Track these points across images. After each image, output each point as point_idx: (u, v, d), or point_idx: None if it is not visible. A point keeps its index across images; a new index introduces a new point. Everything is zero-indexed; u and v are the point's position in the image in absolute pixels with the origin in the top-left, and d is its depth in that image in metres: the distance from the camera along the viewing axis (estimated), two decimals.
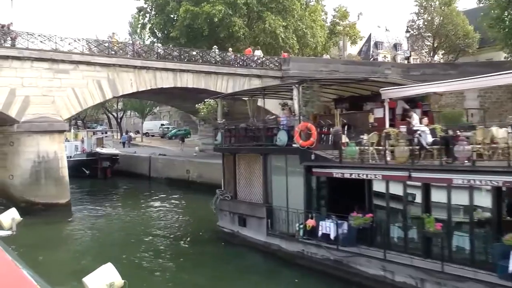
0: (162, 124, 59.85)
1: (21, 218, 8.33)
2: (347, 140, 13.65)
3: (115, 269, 4.32)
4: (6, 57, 22.08)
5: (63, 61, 23.34)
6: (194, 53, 27.76)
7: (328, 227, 12.78)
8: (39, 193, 21.99)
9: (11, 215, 7.90)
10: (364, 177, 12.39)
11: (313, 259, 13.19)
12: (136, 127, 65.59)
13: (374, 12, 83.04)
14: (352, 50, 65.88)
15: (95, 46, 24.79)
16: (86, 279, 4.33)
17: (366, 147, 12.68)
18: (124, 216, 22.95)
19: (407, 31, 53.14)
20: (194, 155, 25.62)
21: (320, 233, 12.98)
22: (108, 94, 24.69)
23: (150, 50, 26.74)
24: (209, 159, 30.75)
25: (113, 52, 25.08)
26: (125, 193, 30.56)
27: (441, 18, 42.82)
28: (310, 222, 13.30)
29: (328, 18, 49.61)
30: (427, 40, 47.19)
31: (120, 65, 24.76)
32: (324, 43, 45.35)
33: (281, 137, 14.87)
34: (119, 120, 59.46)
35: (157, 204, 26.65)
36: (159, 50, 26.71)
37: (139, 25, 43.93)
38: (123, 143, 47.01)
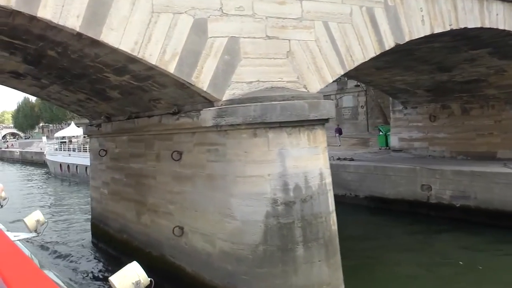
0: None
1: (46, 220, 6.33)
2: None
3: (140, 268, 3.59)
4: None
5: None
6: None
7: None
8: (293, 281, 7.50)
9: (36, 217, 6.15)
10: None
11: None
12: None
13: None
14: None
15: None
16: (112, 278, 3.55)
17: None
18: None
19: None
20: None
21: None
22: (387, 40, 10.18)
23: None
24: (454, 165, 16.24)
25: None
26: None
27: None
28: None
29: None
30: None
31: None
32: None
33: None
34: None
35: None
36: None
37: None
38: None
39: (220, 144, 8.08)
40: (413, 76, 17.41)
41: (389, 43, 10.21)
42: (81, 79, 10.18)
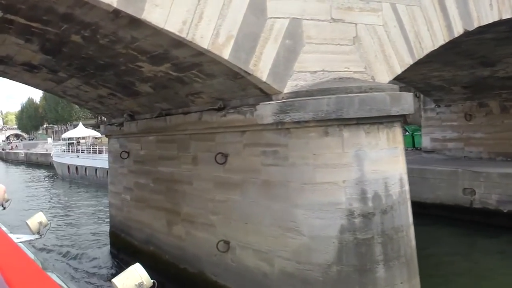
0: None
1: (49, 222, 6.13)
2: None
3: (143, 269, 3.59)
4: None
5: None
6: None
7: None
8: None
9: (39, 219, 6.09)
10: None
11: None
12: None
13: None
14: None
15: None
16: (115, 280, 3.59)
17: None
18: None
19: None
20: None
21: None
22: (456, 26, 8.87)
23: None
24: (496, 167, 14.89)
25: None
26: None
27: None
28: None
29: None
30: None
31: None
32: None
33: None
34: None
35: None
36: None
37: None
38: None
39: (280, 145, 6.70)
40: (451, 71, 16.05)
41: (458, 30, 8.86)
42: (106, 70, 8.80)
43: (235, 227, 7.66)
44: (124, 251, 12.21)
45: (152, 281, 3.65)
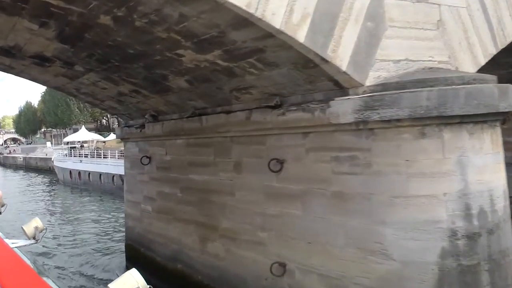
0: None
1: (45, 227, 6.25)
2: None
3: (140, 275, 3.45)
4: None
5: None
6: None
7: None
8: None
9: (34, 224, 6.15)
10: None
11: None
12: None
13: None
14: None
15: None
16: (111, 285, 3.47)
17: None
18: None
19: None
20: None
21: None
22: None
23: None
24: None
25: None
26: None
27: None
28: None
29: None
30: None
31: None
32: None
33: None
34: None
35: None
36: None
37: None
38: None
39: (360, 149, 5.45)
40: (488, 70, 14.93)
41: None
42: (135, 62, 7.53)
43: (293, 247, 6.40)
44: (143, 267, 10.80)
45: (148, 286, 3.50)
